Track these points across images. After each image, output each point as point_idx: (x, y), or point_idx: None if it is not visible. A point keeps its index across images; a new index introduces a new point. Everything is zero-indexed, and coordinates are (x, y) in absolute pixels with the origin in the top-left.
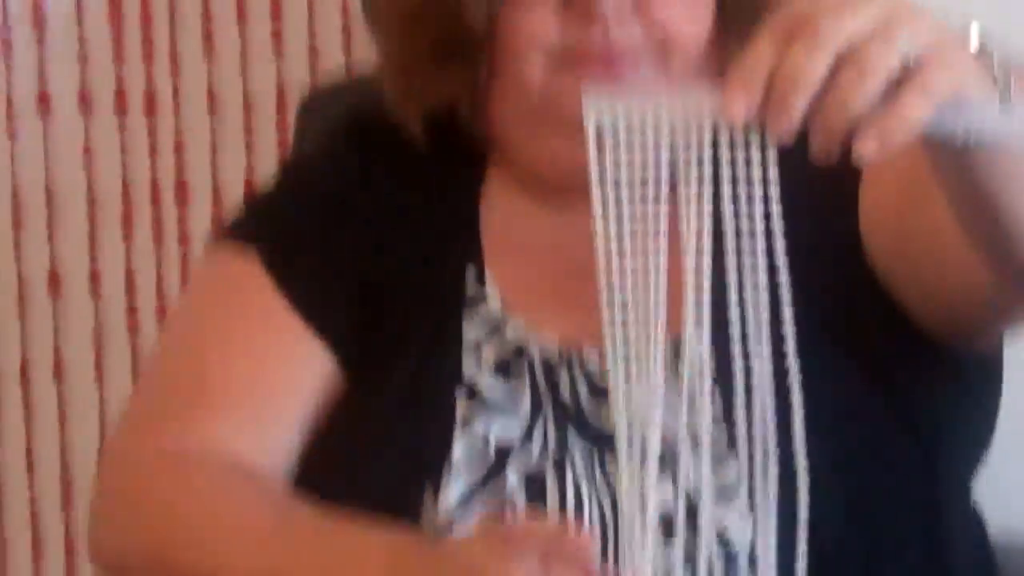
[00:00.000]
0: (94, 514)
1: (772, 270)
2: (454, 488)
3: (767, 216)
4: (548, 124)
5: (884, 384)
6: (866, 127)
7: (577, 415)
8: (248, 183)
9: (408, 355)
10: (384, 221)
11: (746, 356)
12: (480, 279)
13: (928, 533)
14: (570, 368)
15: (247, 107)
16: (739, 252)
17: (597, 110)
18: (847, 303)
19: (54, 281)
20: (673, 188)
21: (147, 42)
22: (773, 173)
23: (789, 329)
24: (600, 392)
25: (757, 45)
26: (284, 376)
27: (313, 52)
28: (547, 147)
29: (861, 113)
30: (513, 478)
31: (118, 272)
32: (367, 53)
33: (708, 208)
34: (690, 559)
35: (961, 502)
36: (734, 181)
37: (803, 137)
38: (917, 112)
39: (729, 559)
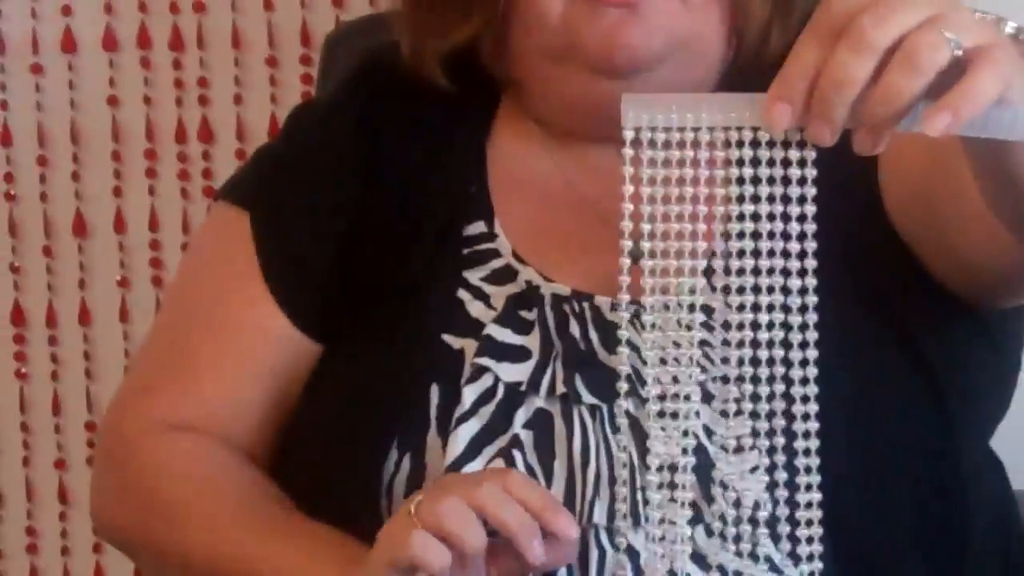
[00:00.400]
0: (92, 483)
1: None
2: (464, 430)
3: (801, 218)
4: (569, 58)
5: (899, 330)
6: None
7: (588, 360)
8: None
9: (411, 306)
10: (387, 172)
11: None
12: (490, 228)
13: (943, 479)
14: (581, 315)
15: (272, 46)
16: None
17: (636, 117)
18: (866, 256)
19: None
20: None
21: None
22: (811, 173)
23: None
24: (611, 338)
25: (800, 49)
26: (259, 352)
27: (337, 2)
28: (570, 82)
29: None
30: (521, 420)
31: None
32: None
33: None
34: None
35: (978, 450)
36: (771, 181)
37: None
38: (965, 111)
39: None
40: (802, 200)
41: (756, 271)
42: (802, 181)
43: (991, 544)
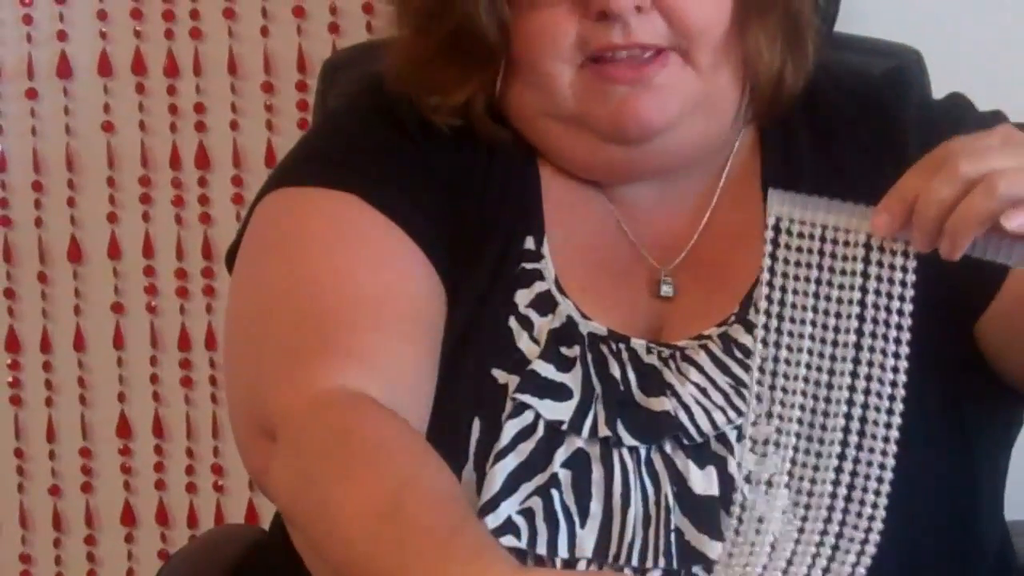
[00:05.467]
0: (277, 470)
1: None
2: (502, 466)
3: (900, 312)
4: (579, 123)
5: (951, 404)
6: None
7: (628, 402)
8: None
9: (470, 332)
10: (449, 175)
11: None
12: (538, 247)
13: (964, 517)
14: (619, 355)
15: (268, 73)
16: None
17: (779, 204)
18: (938, 334)
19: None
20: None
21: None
22: (911, 278)
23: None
24: (649, 380)
25: (908, 175)
26: (416, 296)
27: (334, 28)
28: (580, 145)
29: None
30: (560, 459)
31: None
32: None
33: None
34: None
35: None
36: (879, 278)
37: None
38: None
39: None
40: (901, 298)
41: (856, 360)
42: (903, 283)
43: None
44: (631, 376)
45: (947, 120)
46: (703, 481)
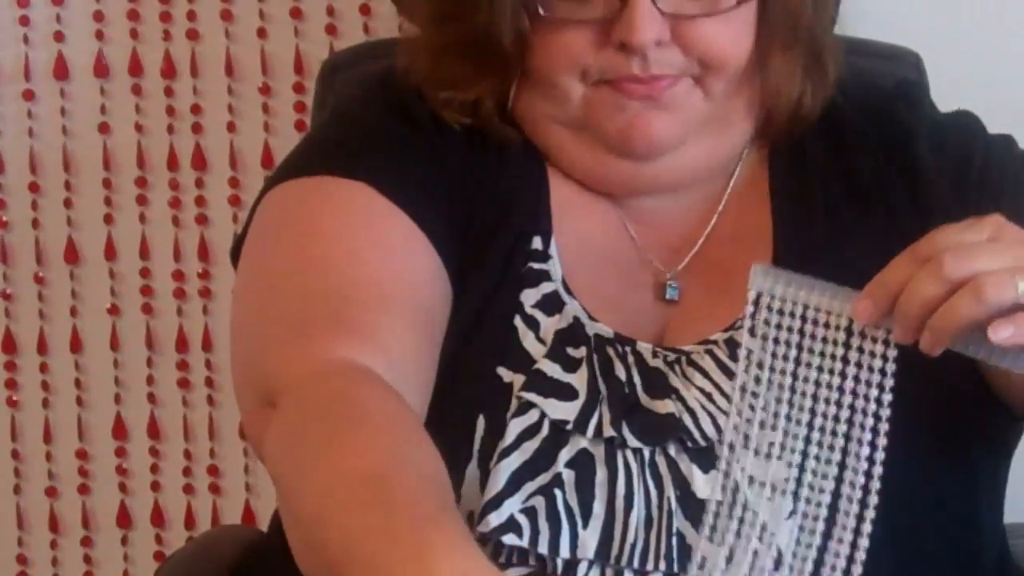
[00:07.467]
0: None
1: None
2: (506, 465)
3: (879, 401)
4: (588, 133)
5: (936, 392)
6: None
7: (633, 404)
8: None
9: (475, 328)
10: (460, 170)
11: None
12: (546, 247)
13: (963, 527)
14: (624, 358)
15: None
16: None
17: (762, 279)
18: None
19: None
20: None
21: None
22: (891, 367)
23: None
24: (654, 383)
25: (894, 264)
26: (422, 283)
27: (331, 30)
28: (587, 155)
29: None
30: (564, 459)
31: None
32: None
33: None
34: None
35: (992, 490)
36: (859, 364)
37: None
38: (1021, 330)
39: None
40: (880, 387)
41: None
42: (883, 372)
43: None
44: (636, 379)
45: (958, 135)
46: (706, 485)
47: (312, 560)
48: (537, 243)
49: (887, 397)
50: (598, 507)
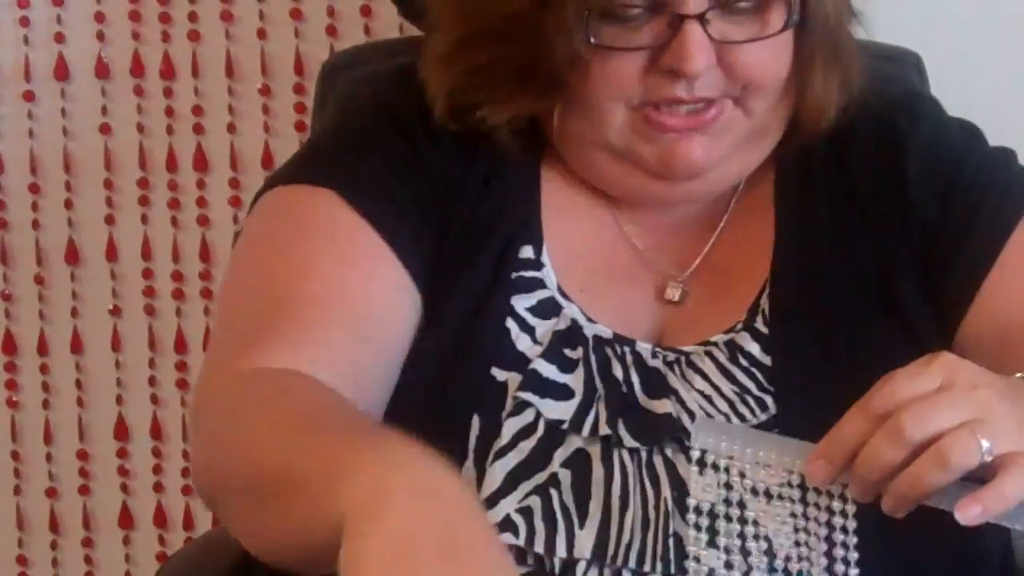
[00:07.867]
0: (191, 449)
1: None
2: (501, 464)
3: (846, 561)
4: (627, 158)
5: None
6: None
7: (631, 403)
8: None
9: (464, 330)
10: (445, 177)
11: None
12: (537, 256)
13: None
14: (623, 358)
15: (266, 75)
16: None
17: (705, 436)
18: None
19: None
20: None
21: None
22: (851, 524)
23: None
24: (653, 383)
25: (847, 420)
26: (375, 296)
27: (331, 31)
28: (626, 178)
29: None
30: (560, 459)
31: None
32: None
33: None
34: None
35: None
36: (817, 521)
37: None
38: (993, 508)
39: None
40: (845, 546)
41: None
42: (844, 530)
43: None
44: (635, 378)
45: (951, 156)
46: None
47: (242, 504)
48: (528, 252)
49: (853, 556)
50: (594, 507)
